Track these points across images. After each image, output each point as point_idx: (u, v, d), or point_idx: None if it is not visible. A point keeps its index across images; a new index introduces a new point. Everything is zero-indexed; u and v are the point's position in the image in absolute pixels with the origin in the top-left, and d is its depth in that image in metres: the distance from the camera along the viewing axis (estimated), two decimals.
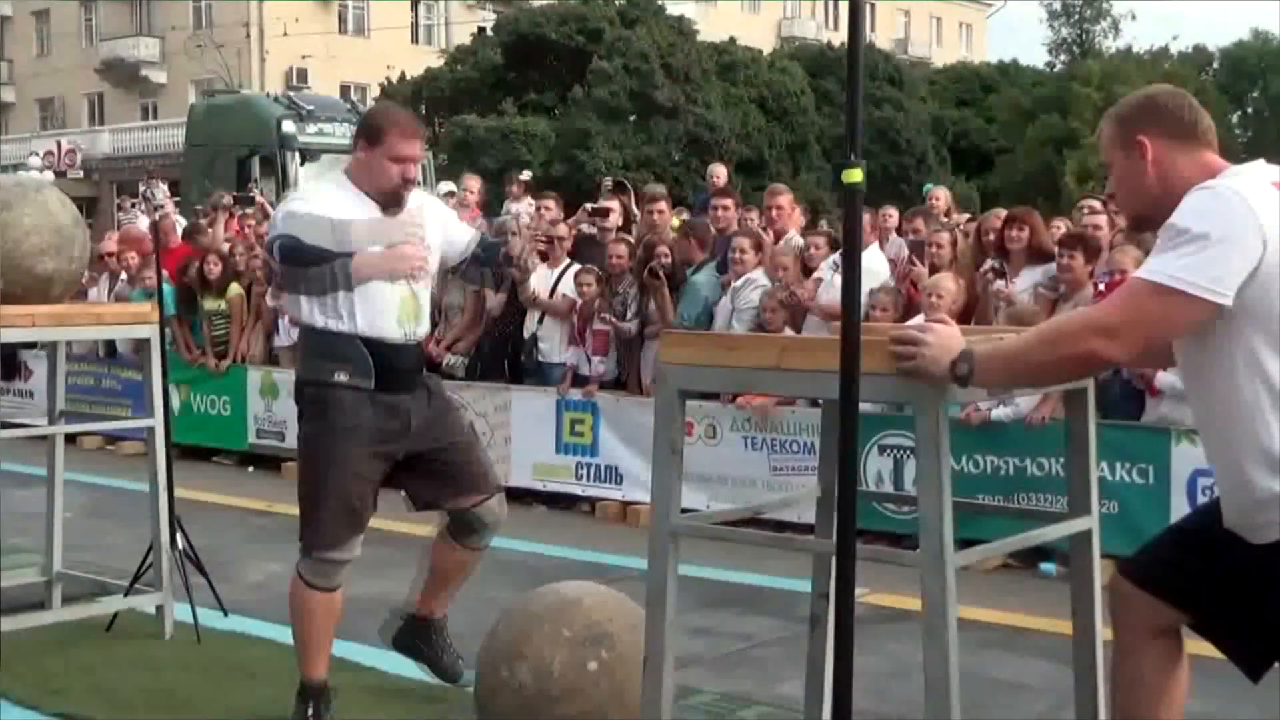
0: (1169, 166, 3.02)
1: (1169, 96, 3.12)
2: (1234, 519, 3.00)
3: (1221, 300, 2.80)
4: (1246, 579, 2.99)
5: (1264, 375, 2.85)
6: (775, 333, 7.46)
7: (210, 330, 11.06)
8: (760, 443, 8.15)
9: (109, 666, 5.44)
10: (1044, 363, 3.00)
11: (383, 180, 4.46)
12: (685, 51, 38.57)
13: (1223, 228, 2.80)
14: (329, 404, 4.43)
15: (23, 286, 5.53)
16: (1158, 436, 6.98)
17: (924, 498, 3.18)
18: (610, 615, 4.17)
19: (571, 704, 4.03)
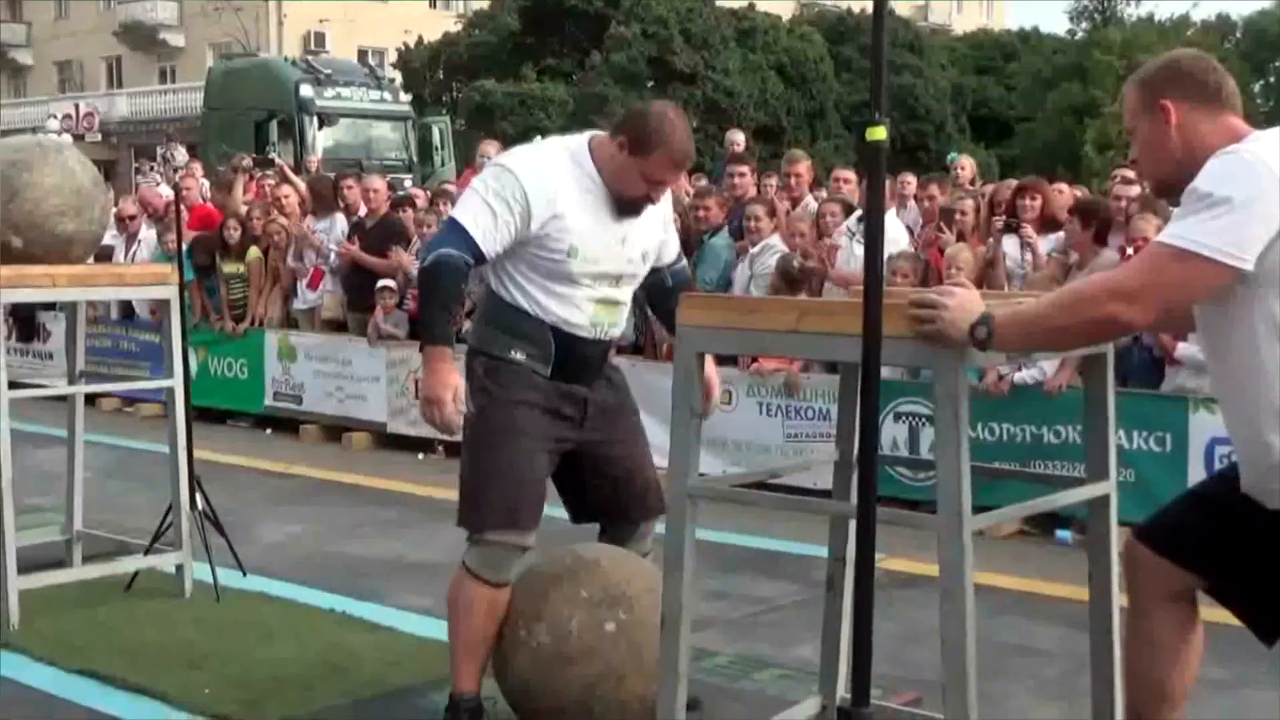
0: (1192, 131, 3.01)
1: (1193, 61, 3.11)
2: (1251, 484, 3.00)
3: (1243, 265, 2.79)
4: (1263, 544, 2.99)
5: None
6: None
7: (228, 294, 11.08)
8: (775, 409, 8.15)
9: (129, 624, 5.47)
10: (1063, 327, 2.99)
11: (627, 189, 4.03)
12: (704, 17, 38.45)
13: (1245, 192, 2.79)
14: (504, 376, 4.05)
15: (43, 247, 5.55)
16: (1176, 405, 6.96)
17: (942, 461, 3.18)
18: (628, 577, 4.18)
19: (589, 665, 4.05)
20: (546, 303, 4.06)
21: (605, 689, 4.05)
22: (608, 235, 4.07)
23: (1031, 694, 4.81)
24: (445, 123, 27.44)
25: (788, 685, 4.70)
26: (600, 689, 4.05)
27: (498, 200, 3.92)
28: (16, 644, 5.21)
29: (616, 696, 4.06)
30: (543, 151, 4.11)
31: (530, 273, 4.05)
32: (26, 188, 5.50)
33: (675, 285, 4.44)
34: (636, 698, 4.04)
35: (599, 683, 4.04)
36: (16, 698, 4.73)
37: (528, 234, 3.96)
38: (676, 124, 4.02)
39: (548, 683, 4.05)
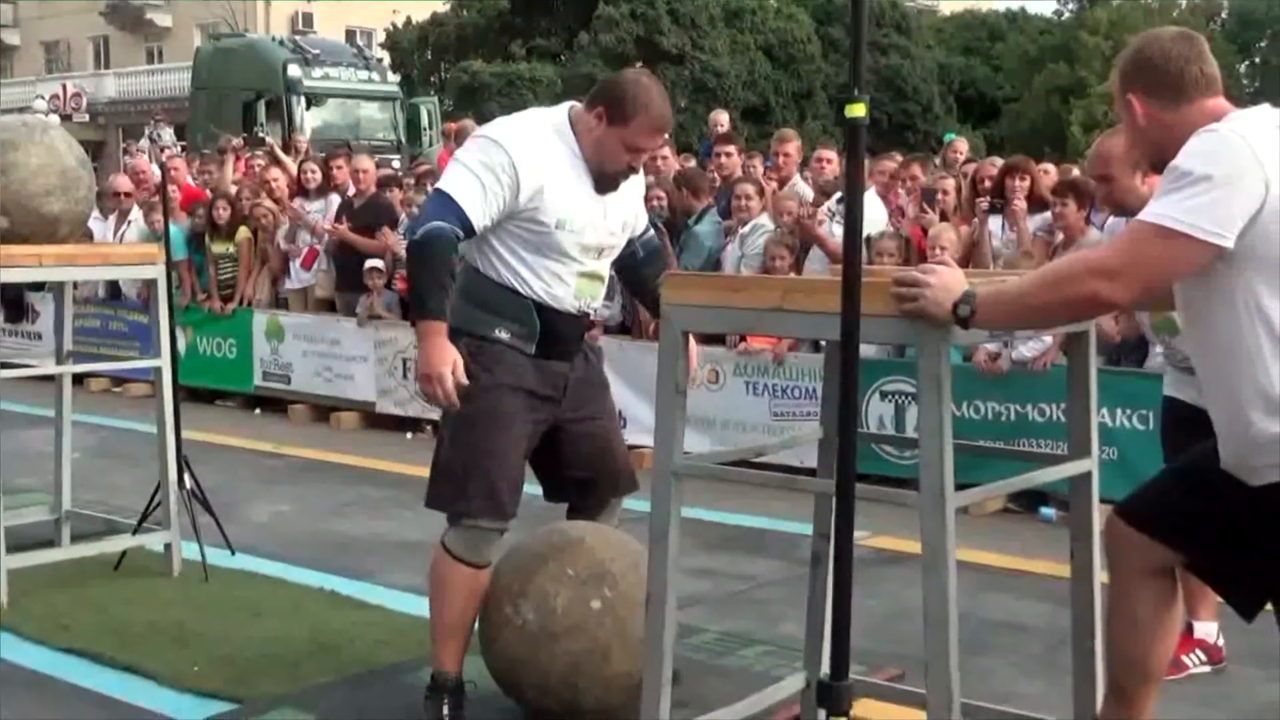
0: (1157, 123, 3.04)
1: (1154, 47, 3.06)
2: (1231, 461, 3.01)
3: (1223, 243, 2.80)
4: (1242, 520, 3.01)
5: (1265, 318, 2.86)
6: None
7: (217, 273, 11.05)
8: (762, 388, 8.17)
9: (117, 603, 5.47)
10: (1046, 304, 3.00)
11: (608, 161, 4.01)
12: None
13: (1226, 170, 2.80)
14: (489, 358, 4.01)
15: (30, 227, 5.53)
16: (1158, 383, 6.96)
17: (925, 437, 3.19)
18: (613, 555, 4.19)
19: (574, 641, 4.06)
20: (531, 279, 4.04)
21: (590, 665, 4.06)
22: (591, 207, 4.06)
23: (1014, 669, 4.83)
24: (434, 103, 27.38)
25: (773, 661, 4.72)
26: (586, 665, 4.06)
27: (485, 171, 3.88)
28: (5, 623, 5.20)
29: (602, 673, 4.08)
30: (527, 123, 4.06)
31: (516, 247, 4.03)
32: (12, 168, 5.48)
33: (647, 255, 4.49)
34: (622, 674, 4.05)
35: (584, 659, 4.06)
36: (6, 676, 4.72)
37: (515, 206, 3.93)
38: (652, 90, 4.01)
39: (534, 659, 4.07)
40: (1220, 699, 4.59)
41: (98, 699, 4.50)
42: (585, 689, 4.08)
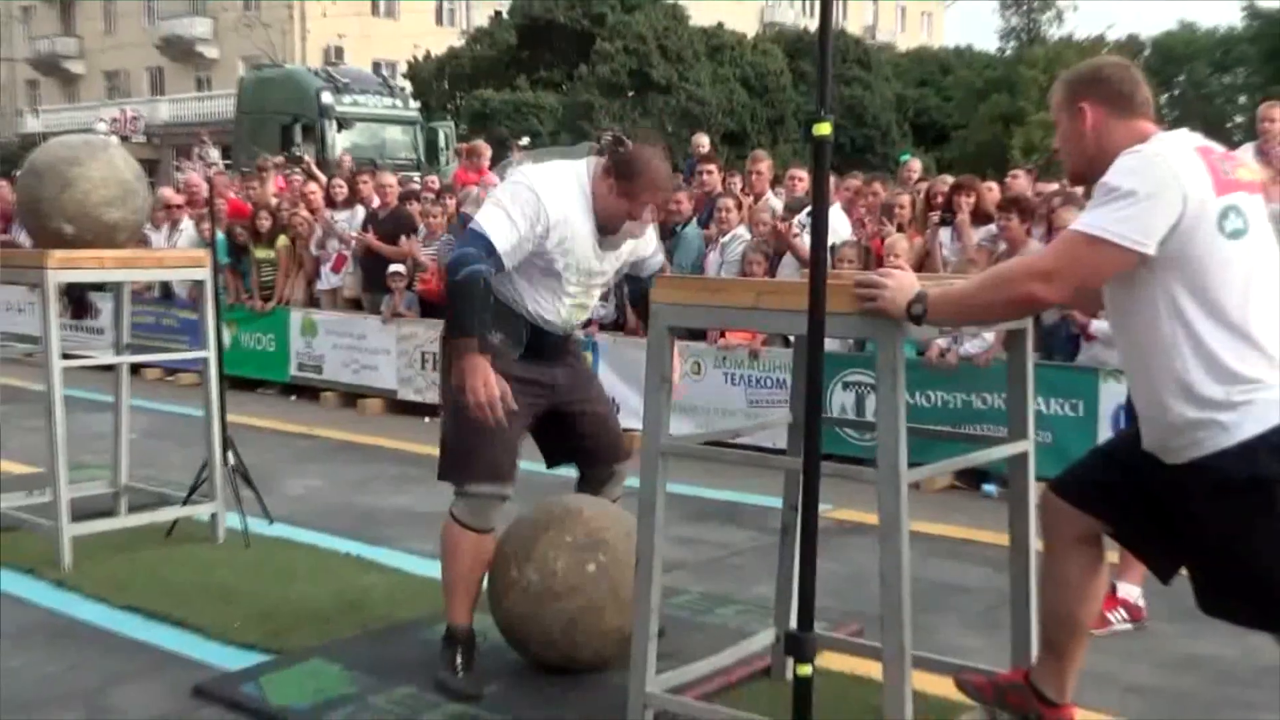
0: (1105, 131, 3.01)
1: (1114, 68, 3.10)
2: (1152, 442, 3.01)
3: (1146, 250, 2.80)
4: (1160, 495, 3.01)
5: (1182, 317, 2.85)
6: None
7: (259, 276, 11.03)
8: (739, 378, 8.16)
9: (169, 566, 5.46)
10: (989, 303, 3.00)
11: (613, 217, 4.02)
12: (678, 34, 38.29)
13: (1148, 186, 2.80)
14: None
15: (93, 233, 5.52)
16: (1088, 375, 6.99)
17: (882, 421, 3.19)
18: (607, 524, 4.18)
19: (573, 600, 4.06)
20: (529, 302, 4.09)
21: (586, 622, 4.06)
22: (594, 252, 4.08)
23: (960, 626, 4.83)
24: (450, 127, 27.30)
25: (747, 619, 4.72)
26: (582, 622, 4.06)
27: (522, 219, 3.88)
28: (70, 584, 5.20)
29: (597, 628, 4.07)
30: (557, 176, 4.02)
31: (523, 273, 4.03)
32: (77, 180, 5.46)
33: (632, 283, 4.55)
34: (614, 629, 4.05)
35: (581, 616, 4.05)
36: (71, 630, 4.72)
37: (539, 248, 3.96)
38: (659, 163, 4.04)
39: (536, 616, 4.06)
40: (1142, 652, 4.59)
41: (152, 650, 4.49)
42: (582, 643, 4.07)
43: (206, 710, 3.95)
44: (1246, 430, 2.82)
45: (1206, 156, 2.89)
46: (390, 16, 48.90)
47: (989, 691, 3.52)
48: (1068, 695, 3.37)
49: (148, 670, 4.29)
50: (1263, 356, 2.84)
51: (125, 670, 4.29)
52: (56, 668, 4.32)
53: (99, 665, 4.33)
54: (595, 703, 3.92)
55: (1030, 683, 3.39)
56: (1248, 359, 2.84)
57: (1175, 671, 4.43)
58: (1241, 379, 2.83)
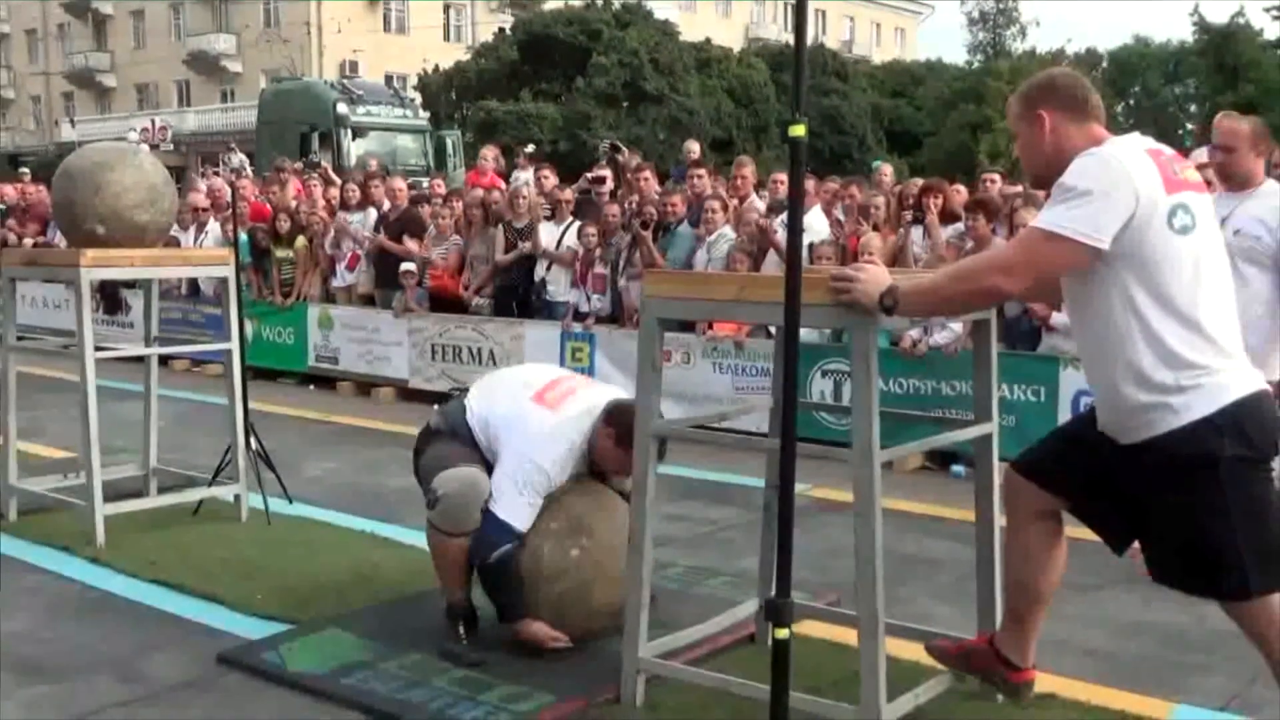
0: (1062, 136, 3.00)
1: (1066, 78, 3.10)
2: (1106, 423, 3.01)
3: (1100, 245, 2.80)
4: (1115, 472, 3.01)
5: (1134, 307, 2.85)
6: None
7: (279, 274, 11.01)
8: (725, 367, 8.15)
9: (195, 543, 5.45)
10: (954, 295, 3.00)
11: (606, 465, 4.15)
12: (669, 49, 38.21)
13: (1102, 185, 2.80)
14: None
15: (123, 233, 5.50)
16: (1049, 363, 6.99)
17: (857, 404, 3.19)
18: (588, 510, 4.12)
19: (559, 583, 4.03)
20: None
21: (574, 601, 4.05)
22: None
23: (930, 596, 4.83)
24: (457, 135, 27.23)
25: (733, 590, 4.72)
26: (569, 602, 4.05)
27: (535, 494, 4.02)
28: (103, 560, 5.19)
29: (585, 607, 4.07)
30: (569, 441, 4.07)
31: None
32: (109, 184, 5.44)
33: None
34: (603, 605, 4.04)
35: (568, 597, 4.05)
36: (104, 603, 4.71)
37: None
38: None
39: (527, 599, 4.05)
40: (1097, 619, 4.59)
41: (179, 621, 4.49)
42: (571, 620, 4.07)
43: (230, 676, 3.95)
44: (1195, 412, 2.82)
45: (1157, 158, 2.89)
46: (402, 33, 48.78)
47: (956, 656, 3.52)
48: (1029, 659, 3.37)
49: (175, 639, 4.28)
50: (1210, 344, 2.84)
51: (154, 639, 4.28)
52: (90, 637, 4.31)
53: (130, 635, 4.33)
54: (591, 668, 3.91)
55: (995, 647, 3.39)
56: (1196, 346, 2.84)
57: (1130, 637, 4.43)
58: (1190, 365, 2.83)
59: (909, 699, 3.41)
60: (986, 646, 3.43)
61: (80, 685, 3.87)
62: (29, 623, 4.47)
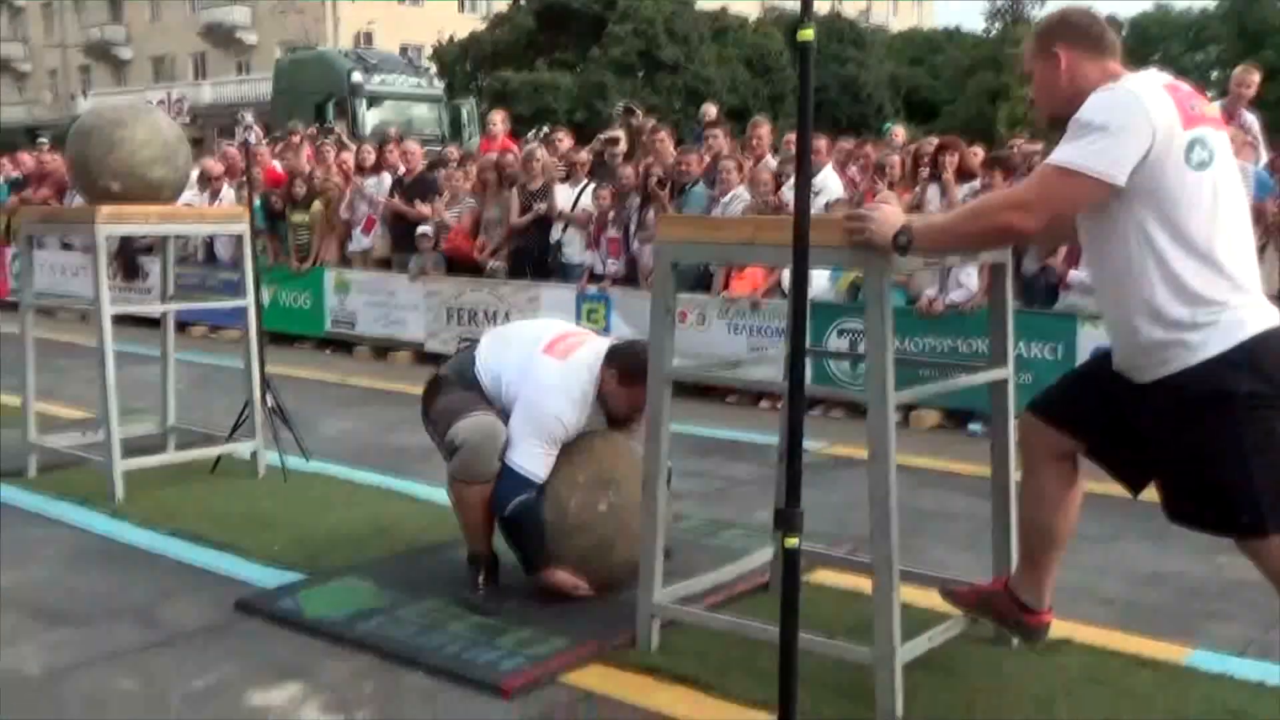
0: (1078, 72, 2.97)
1: (1080, 14, 3.06)
2: (1122, 362, 2.99)
3: (1116, 181, 2.77)
4: (1130, 411, 2.99)
5: (1151, 243, 2.83)
6: None
7: (295, 239, 11.03)
8: (741, 328, 8.13)
9: (213, 497, 5.48)
10: (969, 233, 2.98)
11: (615, 410, 4.13)
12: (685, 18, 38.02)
13: (1119, 121, 2.77)
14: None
15: (137, 190, 5.51)
16: (1066, 321, 6.97)
17: (871, 346, 3.18)
18: (616, 462, 4.12)
19: (584, 538, 4.04)
20: None
21: (597, 557, 4.06)
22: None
23: (946, 547, 4.83)
24: (472, 104, 27.12)
25: (748, 541, 4.72)
26: (593, 557, 4.06)
27: (550, 443, 4.02)
28: (122, 513, 5.23)
29: (606, 562, 4.08)
30: (580, 388, 4.07)
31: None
32: (123, 141, 5.45)
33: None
34: (623, 561, 4.04)
35: (592, 552, 4.05)
36: (124, 554, 4.75)
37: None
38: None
39: (550, 550, 4.06)
40: (1114, 569, 4.59)
41: (197, 571, 4.52)
42: (593, 574, 4.08)
43: (247, 622, 3.98)
44: (1211, 349, 2.80)
45: (1174, 93, 2.85)
46: (416, 3, 48.58)
47: (972, 600, 3.52)
48: (1045, 602, 3.36)
49: (194, 588, 4.31)
50: (1227, 280, 2.82)
51: (173, 588, 4.31)
52: (110, 585, 4.35)
53: (149, 583, 4.36)
54: (606, 614, 3.92)
55: (1010, 591, 3.39)
56: (1212, 283, 2.81)
57: (1147, 586, 4.43)
58: (1206, 301, 2.81)
59: (923, 641, 3.41)
60: (1002, 590, 3.42)
61: (101, 630, 3.91)
62: (51, 572, 4.52)
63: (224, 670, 3.58)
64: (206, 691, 3.44)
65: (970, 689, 3.40)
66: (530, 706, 3.34)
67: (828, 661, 3.38)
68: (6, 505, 5.42)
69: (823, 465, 6.20)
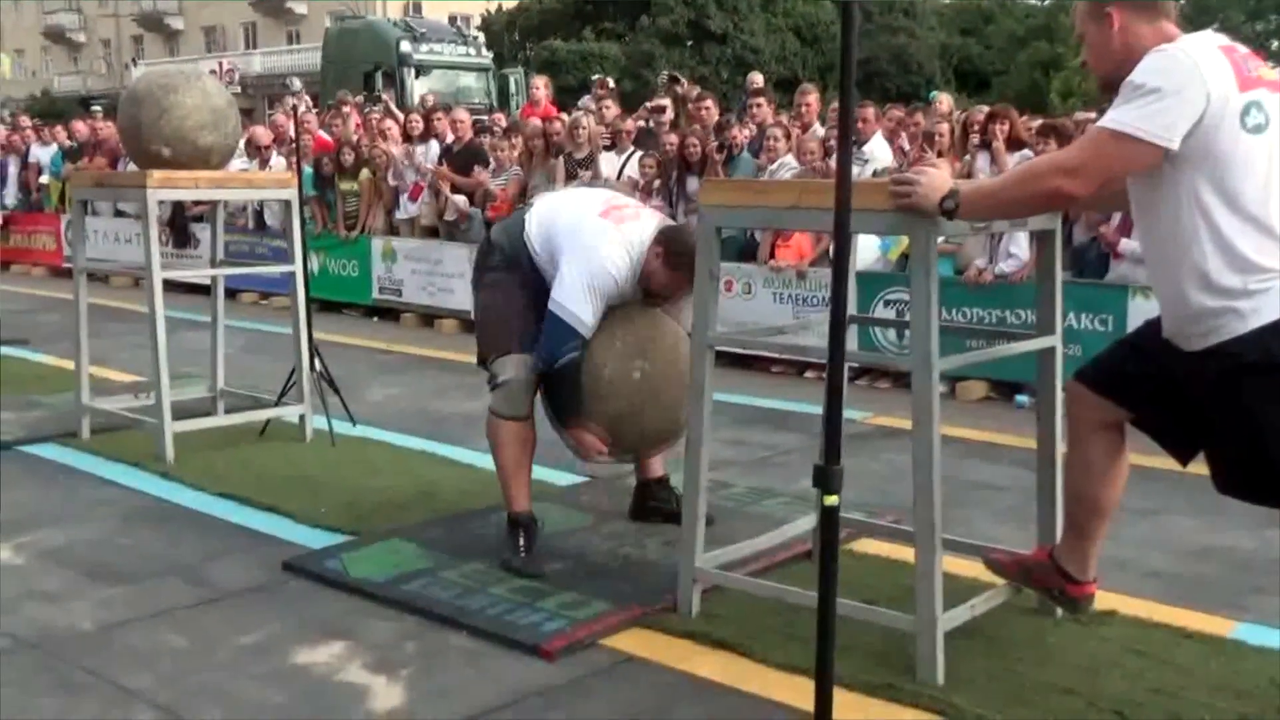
0: (1132, 34, 2.91)
1: None
2: (1171, 330, 2.95)
3: (1169, 145, 2.72)
4: (1179, 380, 2.95)
5: (1203, 209, 2.78)
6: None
7: (344, 207, 11.10)
8: (786, 297, 8.10)
9: (261, 460, 5.55)
10: (1017, 198, 2.94)
11: (655, 288, 4.10)
12: None
13: (1173, 83, 2.71)
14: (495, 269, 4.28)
15: (187, 156, 5.56)
16: (1118, 292, 6.87)
17: (916, 312, 3.15)
18: (651, 333, 4.11)
19: (616, 403, 4.04)
20: None
21: (627, 422, 4.11)
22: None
23: (990, 519, 4.80)
24: (520, 73, 27.09)
25: (791, 509, 4.71)
26: (623, 422, 4.10)
27: (599, 296, 4.01)
28: (172, 475, 5.31)
29: (637, 427, 4.14)
30: (629, 260, 4.06)
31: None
32: (173, 107, 5.49)
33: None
34: (653, 430, 4.13)
35: (622, 417, 4.09)
36: (173, 514, 4.83)
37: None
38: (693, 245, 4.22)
39: (582, 411, 4.09)
40: (1161, 542, 4.54)
41: (245, 531, 4.59)
42: (620, 439, 4.14)
43: (294, 582, 4.03)
44: (1263, 317, 2.75)
45: (1230, 54, 2.79)
46: None
47: (1015, 569, 3.50)
48: (1090, 573, 3.33)
49: (241, 548, 4.38)
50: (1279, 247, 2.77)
51: (221, 548, 4.38)
52: (160, 545, 4.42)
53: (198, 543, 4.43)
54: (649, 580, 3.94)
55: (1054, 560, 3.36)
56: (1265, 250, 2.76)
57: (1193, 560, 4.37)
58: (1258, 269, 2.76)
59: (965, 610, 3.40)
60: (1046, 560, 3.39)
61: (150, 588, 3.98)
62: (102, 531, 4.60)
63: (270, 628, 3.64)
64: (253, 648, 3.50)
65: (1013, 658, 3.38)
66: (571, 669, 3.37)
67: (870, 630, 3.38)
68: (60, 466, 5.53)
69: (868, 435, 6.17)
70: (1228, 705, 3.10)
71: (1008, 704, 3.09)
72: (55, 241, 14.15)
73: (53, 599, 3.88)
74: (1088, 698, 3.13)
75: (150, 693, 3.20)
